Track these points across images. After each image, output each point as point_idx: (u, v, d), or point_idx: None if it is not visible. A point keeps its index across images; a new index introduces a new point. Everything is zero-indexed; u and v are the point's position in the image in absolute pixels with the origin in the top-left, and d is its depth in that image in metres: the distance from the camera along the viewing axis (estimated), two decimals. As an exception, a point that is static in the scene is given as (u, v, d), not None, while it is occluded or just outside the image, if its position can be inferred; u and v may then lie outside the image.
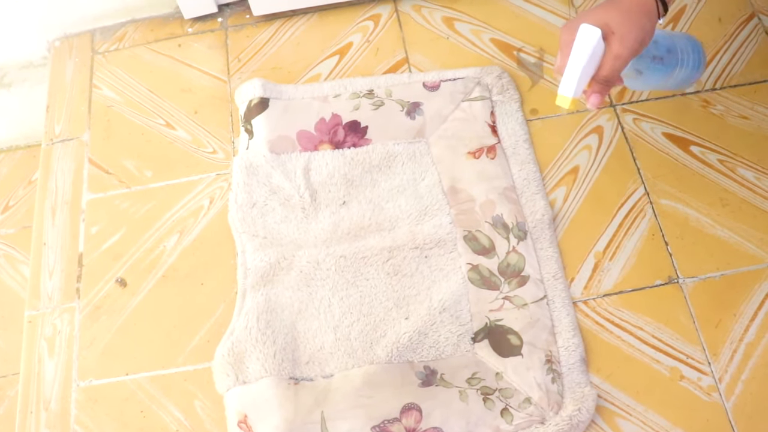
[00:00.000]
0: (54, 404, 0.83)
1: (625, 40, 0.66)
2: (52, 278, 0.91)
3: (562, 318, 0.82)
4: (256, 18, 1.08)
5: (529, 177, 0.89)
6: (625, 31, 0.66)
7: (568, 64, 0.67)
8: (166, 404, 0.81)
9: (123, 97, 1.03)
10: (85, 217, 0.94)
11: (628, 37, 0.66)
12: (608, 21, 0.67)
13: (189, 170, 0.96)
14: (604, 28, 0.66)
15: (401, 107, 0.95)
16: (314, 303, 0.83)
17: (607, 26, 0.67)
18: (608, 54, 0.67)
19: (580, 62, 0.67)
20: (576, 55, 0.67)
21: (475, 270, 0.84)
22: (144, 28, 1.09)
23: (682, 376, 0.79)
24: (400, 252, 0.85)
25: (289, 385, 0.78)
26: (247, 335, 0.81)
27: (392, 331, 0.81)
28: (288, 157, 0.91)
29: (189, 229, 0.91)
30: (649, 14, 0.67)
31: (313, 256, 0.85)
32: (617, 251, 0.86)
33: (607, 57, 0.67)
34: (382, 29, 1.05)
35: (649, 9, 0.67)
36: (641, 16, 0.67)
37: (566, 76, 0.68)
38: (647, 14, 0.67)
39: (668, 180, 0.90)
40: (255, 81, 0.97)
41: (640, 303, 0.83)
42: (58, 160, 0.99)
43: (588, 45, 0.66)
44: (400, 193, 0.89)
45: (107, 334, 0.86)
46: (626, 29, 0.66)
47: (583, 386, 0.78)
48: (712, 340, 0.80)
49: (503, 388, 0.78)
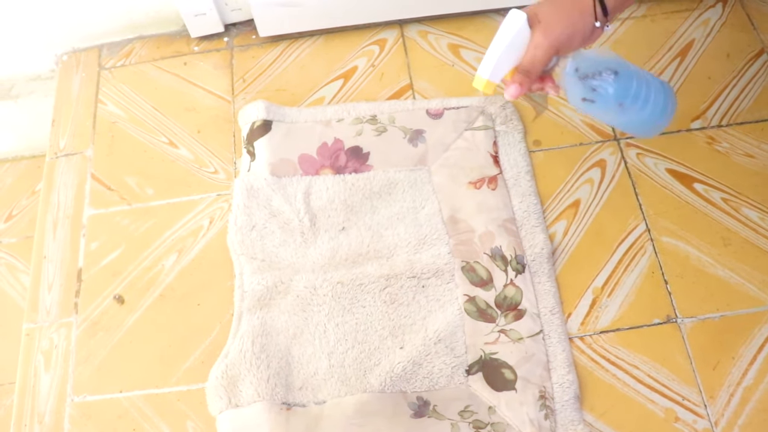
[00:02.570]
0: (48, 418, 0.83)
1: (549, 30, 0.66)
2: (51, 292, 0.91)
3: (557, 354, 0.81)
4: (262, 39, 1.08)
5: (530, 209, 0.89)
6: (551, 22, 0.66)
7: (490, 45, 0.67)
8: (158, 424, 0.81)
9: (127, 113, 1.03)
10: (85, 232, 0.95)
11: (553, 28, 0.66)
12: (537, 11, 0.67)
13: (190, 189, 0.96)
14: (531, 16, 0.66)
15: (404, 134, 0.95)
16: (309, 328, 0.83)
17: (536, 15, 0.66)
18: (530, 43, 0.67)
19: (500, 44, 0.66)
20: (498, 37, 0.66)
21: (472, 302, 0.84)
22: (151, 45, 1.10)
23: (677, 417, 0.78)
24: (398, 280, 0.85)
25: (281, 411, 0.78)
26: (242, 358, 0.81)
27: (386, 360, 0.81)
28: (289, 181, 0.92)
29: (188, 248, 0.91)
30: (582, 11, 0.66)
31: (310, 281, 0.85)
32: (616, 288, 0.85)
33: (529, 46, 0.67)
34: (387, 54, 1.05)
35: (584, 7, 0.66)
36: (573, 11, 0.66)
37: (486, 57, 0.67)
38: (580, 11, 0.66)
39: (670, 217, 0.89)
40: (258, 103, 0.97)
41: (638, 341, 0.82)
42: (62, 175, 1.00)
43: (511, 29, 0.65)
44: (400, 221, 0.89)
45: (103, 350, 0.86)
46: (553, 20, 0.66)
47: (576, 424, 0.77)
48: (709, 382, 0.79)
49: (495, 423, 0.77)
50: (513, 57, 0.67)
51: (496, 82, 0.69)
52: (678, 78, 0.99)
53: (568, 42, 0.67)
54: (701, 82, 0.99)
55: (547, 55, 0.67)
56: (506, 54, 0.66)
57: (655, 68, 1.00)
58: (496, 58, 0.66)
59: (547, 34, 0.66)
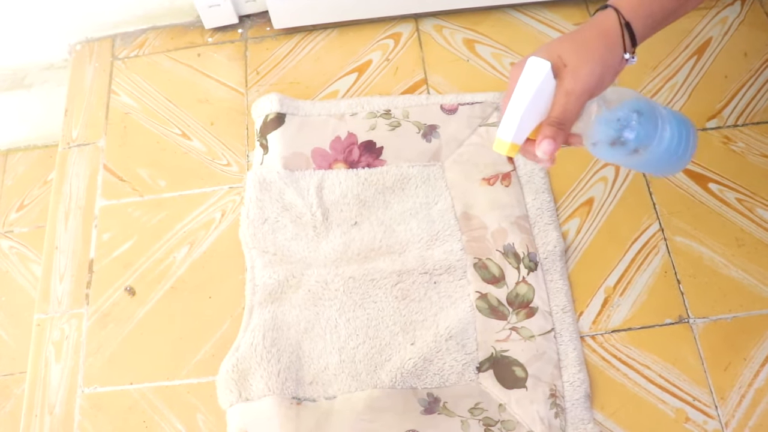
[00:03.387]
0: (58, 409, 0.84)
1: (579, 73, 0.56)
2: (63, 283, 0.91)
3: (568, 352, 0.81)
4: (277, 31, 1.08)
5: (543, 207, 0.89)
6: (579, 64, 0.56)
7: (510, 103, 0.57)
8: (168, 416, 0.82)
9: (140, 104, 1.03)
10: (97, 223, 0.95)
11: (582, 71, 0.56)
12: (561, 53, 0.57)
13: (202, 182, 0.96)
14: (555, 61, 0.57)
15: (418, 129, 0.95)
16: (321, 323, 0.83)
17: (559, 59, 0.57)
18: (559, 90, 0.57)
19: (522, 101, 0.56)
20: (519, 92, 0.56)
21: (484, 299, 0.83)
22: (164, 35, 1.10)
23: (687, 418, 0.78)
24: (410, 276, 0.85)
25: (291, 405, 0.78)
26: (253, 352, 0.81)
27: (397, 355, 0.81)
28: (302, 175, 0.91)
29: (200, 241, 0.91)
30: (610, 46, 0.57)
31: (322, 275, 0.85)
32: (628, 287, 0.85)
33: (558, 94, 0.57)
34: (402, 48, 1.04)
35: (612, 41, 0.57)
36: (600, 48, 0.57)
37: (506, 117, 0.57)
38: (608, 46, 0.57)
39: (684, 217, 0.88)
40: (272, 96, 0.97)
41: (649, 341, 0.82)
42: (74, 165, 1.00)
43: (533, 80, 0.56)
44: (413, 217, 0.89)
45: (114, 341, 0.86)
46: (581, 61, 0.56)
47: (586, 423, 0.77)
48: (720, 383, 0.79)
49: (505, 420, 0.77)
50: (538, 111, 0.58)
51: (519, 143, 0.59)
52: (694, 76, 0.98)
53: (599, 83, 0.57)
54: (718, 81, 0.98)
55: (580, 102, 0.57)
56: (530, 110, 0.57)
57: (672, 67, 0.99)
58: (519, 117, 0.56)
59: (578, 77, 0.56)
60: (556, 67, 0.57)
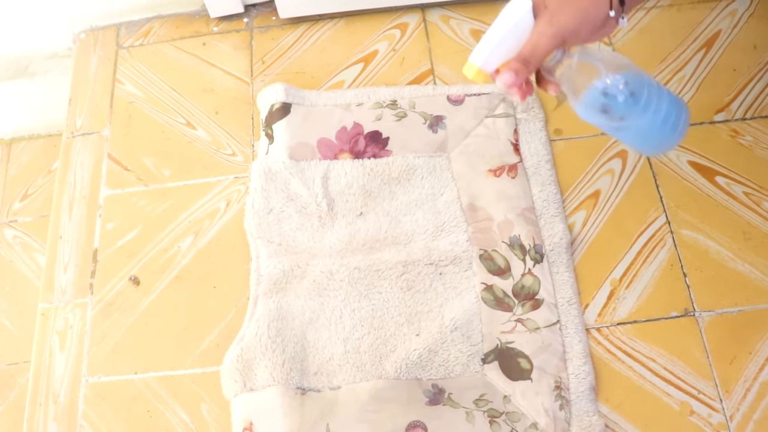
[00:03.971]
0: (62, 398, 0.84)
1: (556, 17, 0.59)
2: (67, 272, 0.91)
3: (574, 344, 0.81)
4: (283, 20, 1.07)
5: (549, 198, 0.88)
6: (558, 8, 0.59)
7: (487, 31, 0.61)
8: (172, 405, 0.82)
9: (145, 93, 1.03)
10: (101, 212, 0.94)
11: (559, 16, 0.59)
12: None
13: (207, 171, 0.95)
14: (537, 2, 0.60)
15: (424, 120, 0.94)
16: (326, 313, 0.83)
17: (542, 1, 0.60)
18: (534, 29, 0.60)
19: (498, 32, 0.60)
20: (496, 24, 0.60)
21: (489, 290, 0.83)
22: (169, 24, 1.09)
23: (692, 411, 0.78)
24: (415, 267, 0.85)
25: (295, 395, 0.78)
26: (257, 342, 0.81)
27: (402, 346, 0.81)
28: (307, 165, 0.91)
29: (204, 231, 0.91)
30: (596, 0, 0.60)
31: (327, 266, 0.85)
32: (634, 280, 0.85)
33: (532, 33, 0.60)
34: (408, 38, 1.04)
35: None
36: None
37: (480, 43, 0.62)
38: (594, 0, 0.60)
39: (691, 210, 0.88)
40: (278, 85, 0.96)
41: (654, 334, 0.81)
42: (78, 154, 0.99)
43: (513, 16, 0.59)
44: (418, 207, 0.89)
45: (118, 331, 0.86)
46: (561, 6, 0.59)
47: (590, 415, 0.77)
48: (726, 376, 0.79)
49: (510, 412, 0.77)
50: (511, 46, 0.61)
51: (488, 71, 0.63)
52: (703, 69, 0.98)
53: (575, 31, 0.60)
54: (726, 74, 0.97)
55: (550, 44, 0.60)
56: (504, 42, 0.60)
57: (680, 59, 0.99)
58: (491, 45, 0.61)
59: (553, 21, 0.59)
60: (537, 8, 0.60)
